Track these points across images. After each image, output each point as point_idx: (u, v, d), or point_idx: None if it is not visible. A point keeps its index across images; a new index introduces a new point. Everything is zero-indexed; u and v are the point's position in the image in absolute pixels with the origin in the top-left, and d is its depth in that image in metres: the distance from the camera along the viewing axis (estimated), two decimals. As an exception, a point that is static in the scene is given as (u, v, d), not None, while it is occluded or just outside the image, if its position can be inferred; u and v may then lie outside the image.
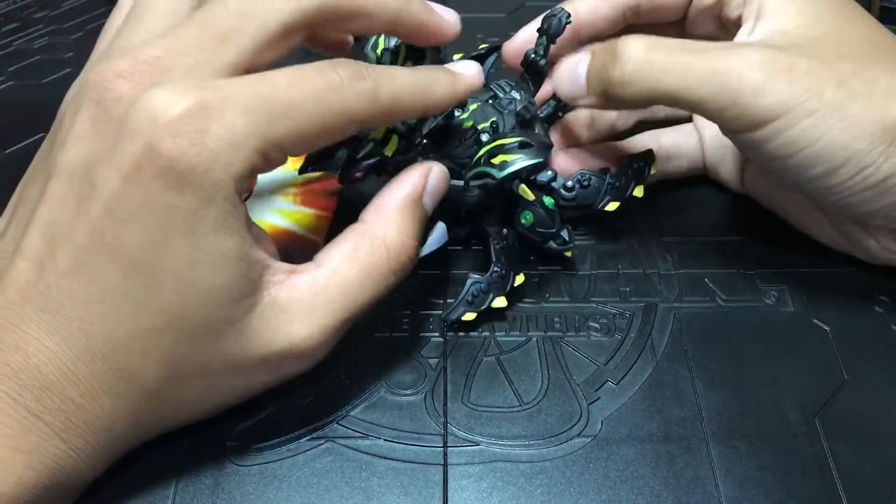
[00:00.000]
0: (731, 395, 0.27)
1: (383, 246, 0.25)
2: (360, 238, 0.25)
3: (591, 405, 0.26)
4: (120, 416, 0.22)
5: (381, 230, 0.25)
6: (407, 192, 0.26)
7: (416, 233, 0.26)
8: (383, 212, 0.25)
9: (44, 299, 0.21)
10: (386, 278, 0.25)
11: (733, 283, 0.31)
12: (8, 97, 0.40)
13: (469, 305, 0.28)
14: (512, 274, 0.29)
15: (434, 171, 0.26)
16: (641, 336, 0.29)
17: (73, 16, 0.47)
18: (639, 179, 0.31)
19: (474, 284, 0.28)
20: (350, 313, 0.24)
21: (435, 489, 0.24)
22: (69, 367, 0.21)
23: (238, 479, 0.24)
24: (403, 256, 0.25)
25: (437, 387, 0.27)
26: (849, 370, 0.27)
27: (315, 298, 0.23)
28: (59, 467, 0.21)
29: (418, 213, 0.26)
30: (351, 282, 0.24)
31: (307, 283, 0.23)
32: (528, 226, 0.29)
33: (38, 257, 0.21)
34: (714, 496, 0.24)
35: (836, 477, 0.24)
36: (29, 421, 0.20)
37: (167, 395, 0.23)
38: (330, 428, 0.26)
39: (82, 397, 0.21)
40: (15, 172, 0.26)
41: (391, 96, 0.24)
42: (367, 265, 0.24)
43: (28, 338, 0.21)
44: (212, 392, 0.24)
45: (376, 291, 0.24)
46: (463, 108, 0.30)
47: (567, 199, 0.30)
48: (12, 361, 0.21)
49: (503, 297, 0.29)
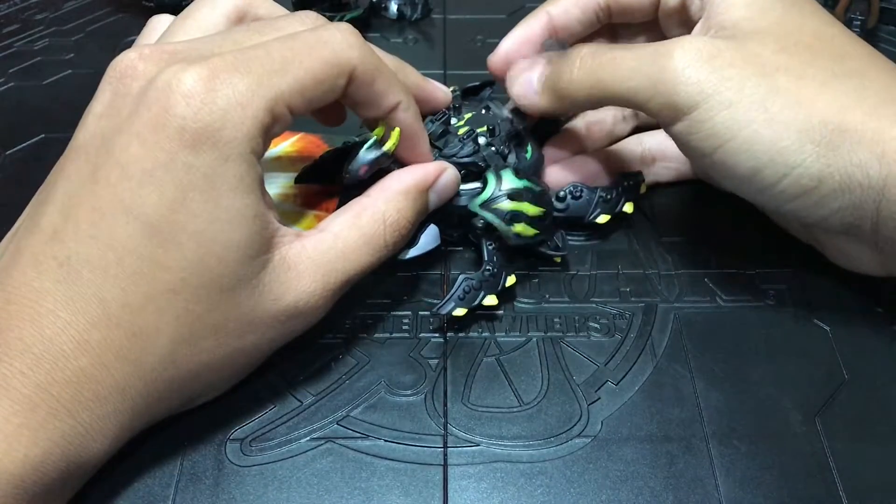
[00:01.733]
0: (731, 394, 0.27)
1: (382, 220, 0.26)
2: (361, 209, 0.27)
3: (591, 405, 0.26)
4: (131, 385, 0.22)
5: (383, 206, 0.27)
6: (416, 180, 0.28)
7: (413, 217, 0.27)
8: (387, 191, 0.27)
9: (62, 271, 0.21)
10: (380, 250, 0.26)
11: (733, 283, 0.31)
12: (9, 98, 0.41)
13: (460, 301, 0.28)
14: (504, 274, 0.29)
15: (448, 172, 0.29)
16: (641, 336, 0.29)
17: (73, 17, 0.47)
18: (629, 196, 0.32)
19: (466, 281, 0.29)
20: (349, 275, 0.26)
21: (435, 489, 0.24)
22: (82, 336, 0.21)
23: (238, 479, 0.24)
24: (397, 234, 0.27)
25: (438, 387, 0.27)
26: (849, 370, 0.27)
27: (320, 257, 0.25)
28: (67, 443, 0.21)
29: (420, 201, 0.28)
30: (351, 246, 0.26)
31: (313, 244, 0.25)
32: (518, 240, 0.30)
33: (54, 230, 0.22)
34: (714, 496, 0.24)
35: (836, 477, 0.24)
36: (38, 396, 0.21)
37: (180, 360, 0.23)
38: (330, 428, 0.26)
39: (93, 366, 0.21)
40: (16, 173, 0.26)
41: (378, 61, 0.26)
42: (365, 234, 0.26)
43: (43, 311, 0.21)
44: (223, 355, 0.24)
45: (372, 259, 0.26)
46: (459, 116, 0.31)
47: (559, 210, 0.31)
48: (26, 336, 0.21)
49: (494, 296, 0.29)
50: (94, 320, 0.21)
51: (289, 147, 0.35)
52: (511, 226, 0.28)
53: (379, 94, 0.26)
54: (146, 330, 0.22)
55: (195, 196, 0.22)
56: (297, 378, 0.27)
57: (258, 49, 0.23)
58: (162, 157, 0.22)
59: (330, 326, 0.29)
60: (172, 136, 0.22)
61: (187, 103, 0.22)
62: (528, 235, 0.29)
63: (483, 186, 0.29)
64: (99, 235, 0.22)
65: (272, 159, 0.34)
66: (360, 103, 0.26)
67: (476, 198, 0.29)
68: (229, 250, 0.23)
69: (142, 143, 0.22)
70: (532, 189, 0.29)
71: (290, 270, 0.24)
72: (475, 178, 0.30)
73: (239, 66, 0.23)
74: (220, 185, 0.22)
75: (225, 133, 0.22)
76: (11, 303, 0.21)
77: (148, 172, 0.22)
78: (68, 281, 0.21)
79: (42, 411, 0.21)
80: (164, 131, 0.22)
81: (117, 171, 0.22)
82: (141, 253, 0.22)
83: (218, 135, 0.22)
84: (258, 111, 0.23)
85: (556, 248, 0.30)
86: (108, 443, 0.22)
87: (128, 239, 0.22)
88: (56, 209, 0.22)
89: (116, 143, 0.22)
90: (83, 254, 0.22)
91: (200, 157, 0.22)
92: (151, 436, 0.25)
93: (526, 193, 0.29)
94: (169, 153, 0.22)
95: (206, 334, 0.23)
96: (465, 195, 0.30)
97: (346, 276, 0.26)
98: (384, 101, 0.26)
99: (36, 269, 0.22)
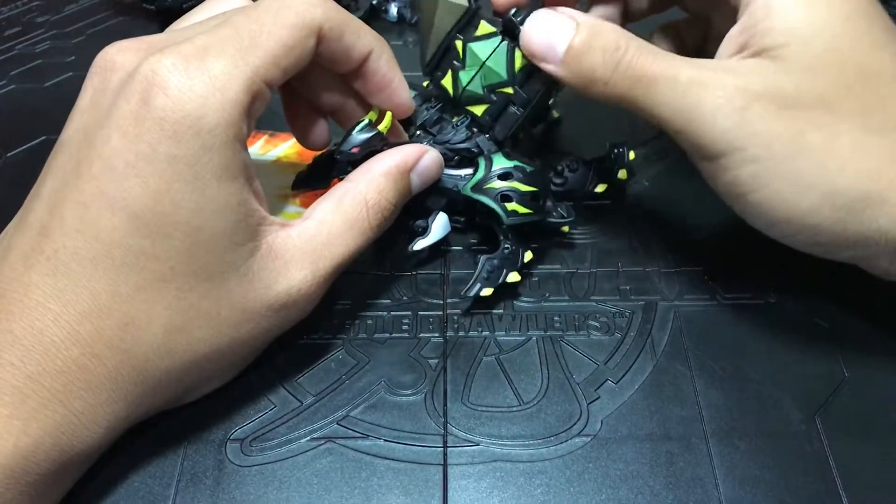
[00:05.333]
0: (731, 393, 0.27)
1: (364, 202, 0.27)
2: (343, 193, 0.27)
3: (591, 404, 0.26)
4: (123, 374, 0.22)
5: (364, 188, 0.27)
6: (396, 162, 0.28)
7: (396, 199, 0.28)
8: (368, 173, 0.27)
9: (50, 264, 0.22)
10: (365, 233, 0.27)
11: (733, 282, 0.30)
12: (9, 101, 0.41)
13: (486, 281, 0.29)
14: (521, 250, 0.30)
15: (429, 153, 0.29)
16: (641, 335, 0.29)
17: (74, 20, 0.47)
18: (621, 163, 0.32)
19: (488, 262, 0.29)
20: (338, 260, 0.26)
21: (435, 489, 0.24)
22: (73, 327, 0.21)
23: (238, 479, 0.24)
24: (380, 216, 0.27)
25: (437, 387, 0.27)
26: (849, 368, 0.27)
27: (306, 245, 0.25)
28: (60, 433, 0.21)
29: (402, 182, 0.28)
30: (336, 232, 0.26)
31: (297, 232, 0.25)
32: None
33: (42, 226, 0.22)
34: (714, 495, 0.24)
35: (836, 475, 0.24)
36: (28, 387, 0.21)
37: (175, 349, 0.23)
38: (330, 428, 0.26)
39: (85, 356, 0.21)
40: (16, 176, 0.26)
41: (345, 14, 0.26)
42: (349, 218, 0.26)
43: (33, 303, 0.21)
44: (219, 346, 0.24)
45: (358, 242, 0.26)
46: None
47: (558, 185, 0.32)
48: (16, 328, 0.21)
49: (516, 272, 0.29)
50: (84, 311, 0.22)
51: (288, 150, 0.35)
52: (503, 205, 0.29)
53: (349, 46, 0.26)
54: (138, 319, 0.22)
55: (179, 186, 0.22)
56: (298, 378, 0.27)
57: (226, 28, 0.23)
58: (144, 148, 0.22)
59: (330, 327, 0.29)
60: (153, 127, 0.22)
61: (165, 94, 0.22)
62: (522, 213, 0.29)
63: (475, 170, 0.30)
64: (84, 229, 0.22)
65: (271, 162, 0.34)
66: (334, 60, 0.26)
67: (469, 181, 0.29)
68: (216, 238, 0.23)
69: (123, 135, 0.22)
70: (523, 168, 0.29)
71: (277, 259, 0.24)
72: (469, 163, 0.31)
73: (210, 49, 0.23)
74: (204, 174, 0.22)
75: (206, 121, 0.22)
76: (1, 297, 0.21)
77: (130, 164, 0.22)
78: (57, 274, 0.22)
79: (33, 401, 0.21)
80: (144, 123, 0.22)
81: (99, 164, 0.22)
82: (128, 244, 0.22)
83: (199, 123, 0.22)
84: (237, 94, 0.23)
85: (562, 217, 0.31)
86: (101, 432, 0.22)
87: (113, 231, 0.22)
88: (42, 205, 0.23)
89: (98, 136, 0.22)
90: (70, 247, 0.22)
91: (183, 146, 0.22)
92: (152, 436, 0.25)
93: (516, 172, 0.29)
94: (150, 144, 0.22)
95: (201, 323, 0.23)
96: (463, 181, 0.30)
97: (334, 262, 0.26)
98: (355, 52, 0.26)
99: (25, 264, 0.22)
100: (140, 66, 0.22)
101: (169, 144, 0.22)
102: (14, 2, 0.49)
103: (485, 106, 0.31)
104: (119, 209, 0.22)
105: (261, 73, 0.23)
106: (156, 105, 0.22)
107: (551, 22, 0.27)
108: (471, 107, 0.31)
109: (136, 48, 0.24)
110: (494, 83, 0.30)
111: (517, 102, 0.30)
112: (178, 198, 0.22)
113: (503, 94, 0.30)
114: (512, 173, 0.29)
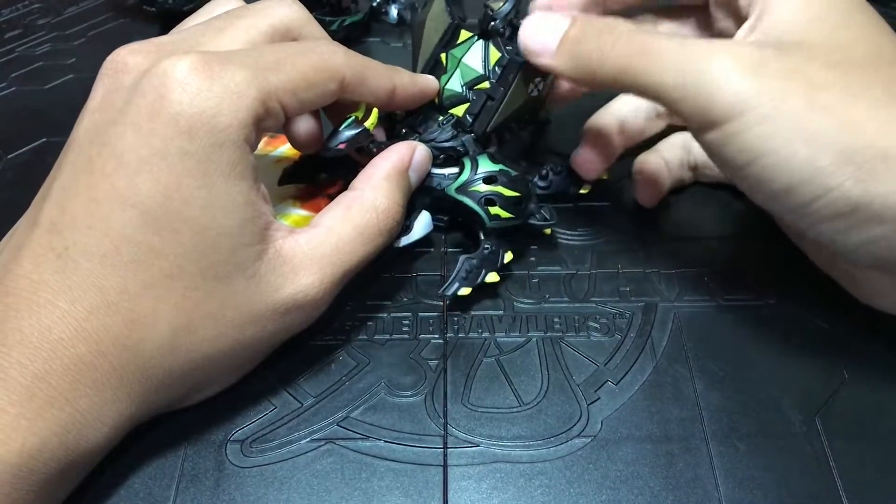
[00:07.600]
0: (731, 394, 0.27)
1: (373, 208, 0.27)
2: (351, 202, 0.27)
3: (591, 405, 0.26)
4: (129, 372, 0.22)
5: (371, 195, 0.27)
6: (395, 164, 0.28)
7: (402, 200, 0.28)
8: (372, 179, 0.28)
9: (60, 261, 0.22)
10: (376, 238, 0.27)
11: (733, 282, 0.31)
12: (10, 103, 0.41)
13: (464, 281, 0.29)
14: (501, 251, 0.30)
15: (420, 149, 0.29)
16: (641, 336, 0.29)
17: (75, 23, 0.48)
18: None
19: (467, 261, 0.29)
20: (346, 267, 0.26)
21: (435, 490, 0.24)
22: (80, 324, 0.21)
23: (238, 479, 0.24)
24: (391, 219, 0.27)
25: (437, 388, 0.27)
26: (849, 370, 0.27)
27: (314, 251, 0.25)
28: (66, 431, 0.21)
29: (404, 182, 0.28)
30: (345, 238, 0.26)
31: (306, 239, 0.25)
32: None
33: (52, 223, 0.22)
34: (714, 496, 0.24)
35: (836, 476, 0.24)
36: (35, 385, 0.21)
37: (180, 348, 0.23)
38: (330, 429, 0.26)
39: (91, 354, 0.21)
40: (17, 177, 0.26)
41: (364, 60, 0.27)
42: (358, 225, 0.26)
43: (41, 301, 0.21)
44: (224, 347, 0.24)
45: (369, 249, 0.27)
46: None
47: (543, 188, 0.33)
48: (24, 326, 0.21)
49: (495, 273, 0.29)
50: (92, 308, 0.22)
51: (288, 151, 0.35)
52: (486, 208, 0.29)
53: (374, 88, 0.27)
54: (144, 317, 0.22)
55: (189, 182, 0.22)
56: (298, 379, 0.27)
57: (251, 50, 0.24)
58: (157, 143, 0.22)
59: (330, 328, 0.29)
60: (168, 122, 0.22)
61: (184, 89, 0.22)
62: (504, 218, 0.29)
63: (460, 171, 0.30)
64: (96, 225, 0.22)
65: (273, 161, 0.34)
66: (360, 99, 0.28)
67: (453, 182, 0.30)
68: (223, 237, 0.23)
69: (137, 131, 0.22)
70: (508, 172, 0.30)
71: (285, 264, 0.25)
72: (454, 162, 0.31)
73: (233, 59, 0.23)
74: (213, 171, 0.22)
75: (220, 119, 0.22)
76: (10, 295, 0.21)
77: (143, 160, 0.22)
78: (66, 271, 0.22)
79: (40, 400, 0.21)
80: (159, 118, 0.22)
81: (113, 161, 0.22)
82: (138, 241, 0.22)
83: (213, 121, 0.22)
84: (253, 101, 0.23)
85: (545, 219, 0.31)
86: (106, 431, 0.22)
87: (124, 227, 0.22)
88: (53, 202, 0.23)
89: (111, 133, 0.22)
90: (80, 244, 0.22)
91: (195, 142, 0.22)
92: (152, 437, 0.25)
93: (501, 176, 0.29)
94: (164, 140, 0.22)
95: (206, 323, 0.23)
96: (448, 180, 0.30)
97: (342, 269, 0.26)
98: (381, 92, 0.28)
99: (34, 262, 0.22)
100: (156, 65, 0.23)
101: (182, 140, 0.22)
102: (15, 4, 0.49)
103: (466, 105, 0.31)
104: (130, 205, 0.22)
105: (279, 94, 0.24)
106: (173, 100, 0.22)
107: (547, 18, 0.27)
108: (453, 109, 0.31)
109: (146, 50, 0.24)
110: (472, 79, 0.31)
111: (494, 96, 0.30)
112: (188, 194, 0.22)
113: (481, 90, 0.30)
114: (497, 177, 0.29)
